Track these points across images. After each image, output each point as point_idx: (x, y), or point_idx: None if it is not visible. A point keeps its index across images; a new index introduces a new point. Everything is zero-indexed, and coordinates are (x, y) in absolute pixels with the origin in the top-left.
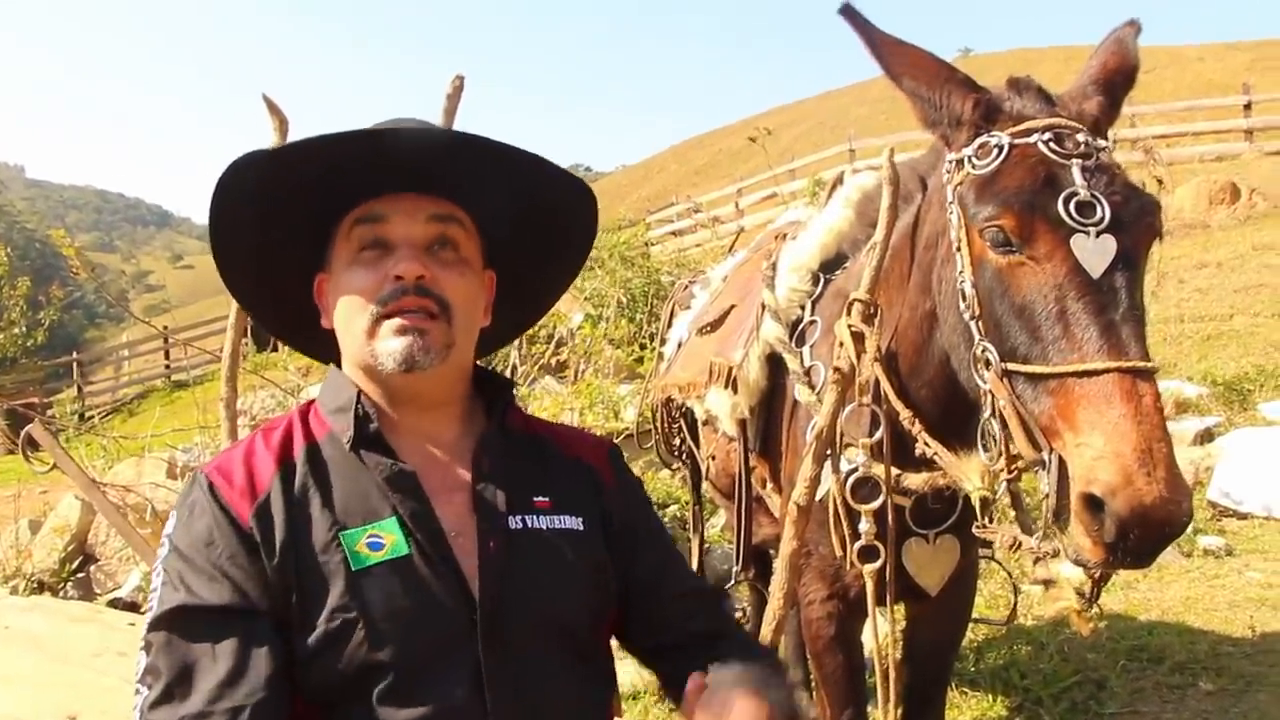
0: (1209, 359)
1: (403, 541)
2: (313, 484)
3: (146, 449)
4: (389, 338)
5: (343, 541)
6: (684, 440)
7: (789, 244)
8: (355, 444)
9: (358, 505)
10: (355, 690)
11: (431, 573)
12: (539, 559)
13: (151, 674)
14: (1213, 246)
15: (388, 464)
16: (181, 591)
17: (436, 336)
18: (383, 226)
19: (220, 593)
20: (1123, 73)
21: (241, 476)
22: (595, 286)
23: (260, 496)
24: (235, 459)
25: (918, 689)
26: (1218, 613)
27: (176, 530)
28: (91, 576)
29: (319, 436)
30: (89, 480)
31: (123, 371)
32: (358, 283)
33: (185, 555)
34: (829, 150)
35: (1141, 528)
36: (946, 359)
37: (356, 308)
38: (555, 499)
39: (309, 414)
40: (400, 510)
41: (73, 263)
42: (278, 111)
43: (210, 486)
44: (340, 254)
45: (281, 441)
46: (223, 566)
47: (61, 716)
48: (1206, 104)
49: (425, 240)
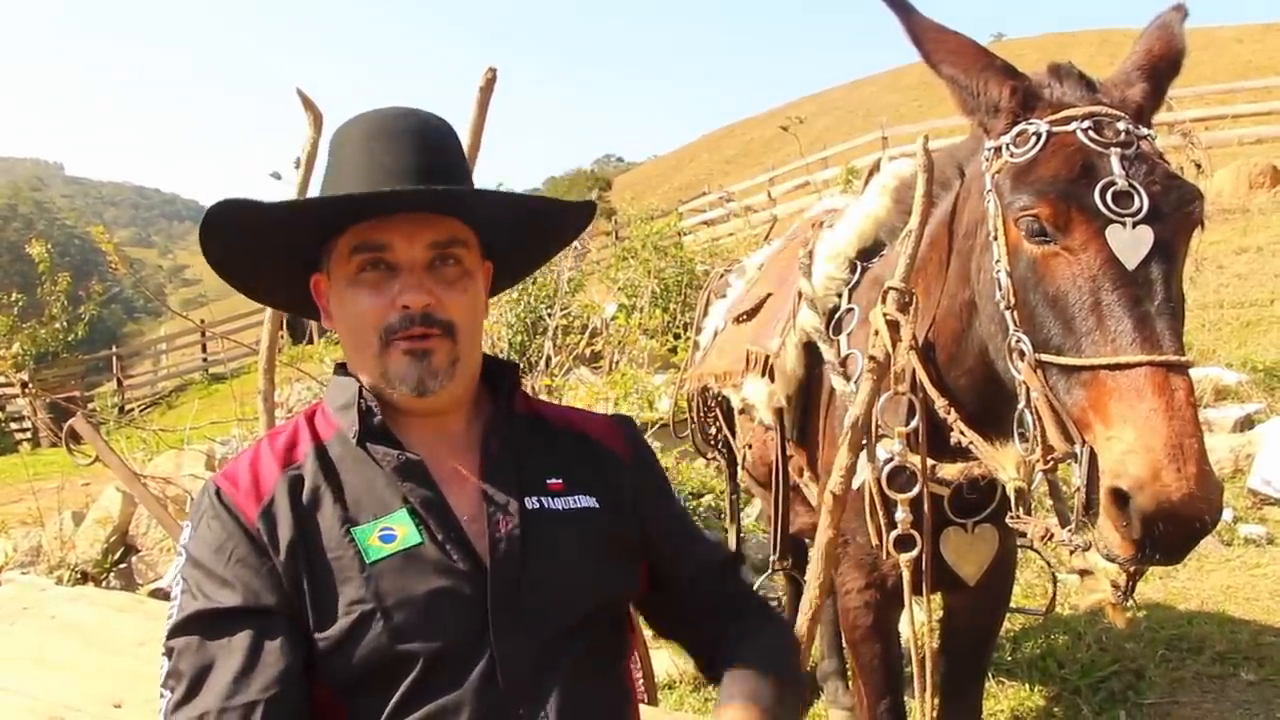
0: (1249, 345)
1: (414, 531)
2: (322, 483)
3: (185, 441)
4: (398, 362)
5: (355, 537)
6: (720, 429)
7: (826, 232)
8: (361, 438)
9: (368, 499)
10: (377, 680)
11: (446, 560)
12: (555, 540)
13: (174, 678)
14: (1253, 231)
15: (395, 454)
16: (200, 599)
17: (443, 356)
18: (384, 253)
19: (233, 595)
20: (1168, 59)
21: (247, 480)
22: (629, 277)
23: (265, 498)
24: (241, 465)
25: (955, 678)
26: (1259, 602)
27: (190, 540)
28: (133, 567)
29: (326, 436)
30: (130, 472)
31: (161, 365)
32: (362, 305)
33: (199, 563)
34: (861, 138)
35: (1168, 524)
36: (985, 349)
37: (363, 331)
38: (568, 479)
39: (315, 416)
40: (411, 499)
41: (111, 258)
42: (312, 106)
43: (218, 491)
44: (339, 269)
45: (286, 445)
46: (234, 569)
47: (108, 704)
48: (1246, 86)
49: (427, 260)
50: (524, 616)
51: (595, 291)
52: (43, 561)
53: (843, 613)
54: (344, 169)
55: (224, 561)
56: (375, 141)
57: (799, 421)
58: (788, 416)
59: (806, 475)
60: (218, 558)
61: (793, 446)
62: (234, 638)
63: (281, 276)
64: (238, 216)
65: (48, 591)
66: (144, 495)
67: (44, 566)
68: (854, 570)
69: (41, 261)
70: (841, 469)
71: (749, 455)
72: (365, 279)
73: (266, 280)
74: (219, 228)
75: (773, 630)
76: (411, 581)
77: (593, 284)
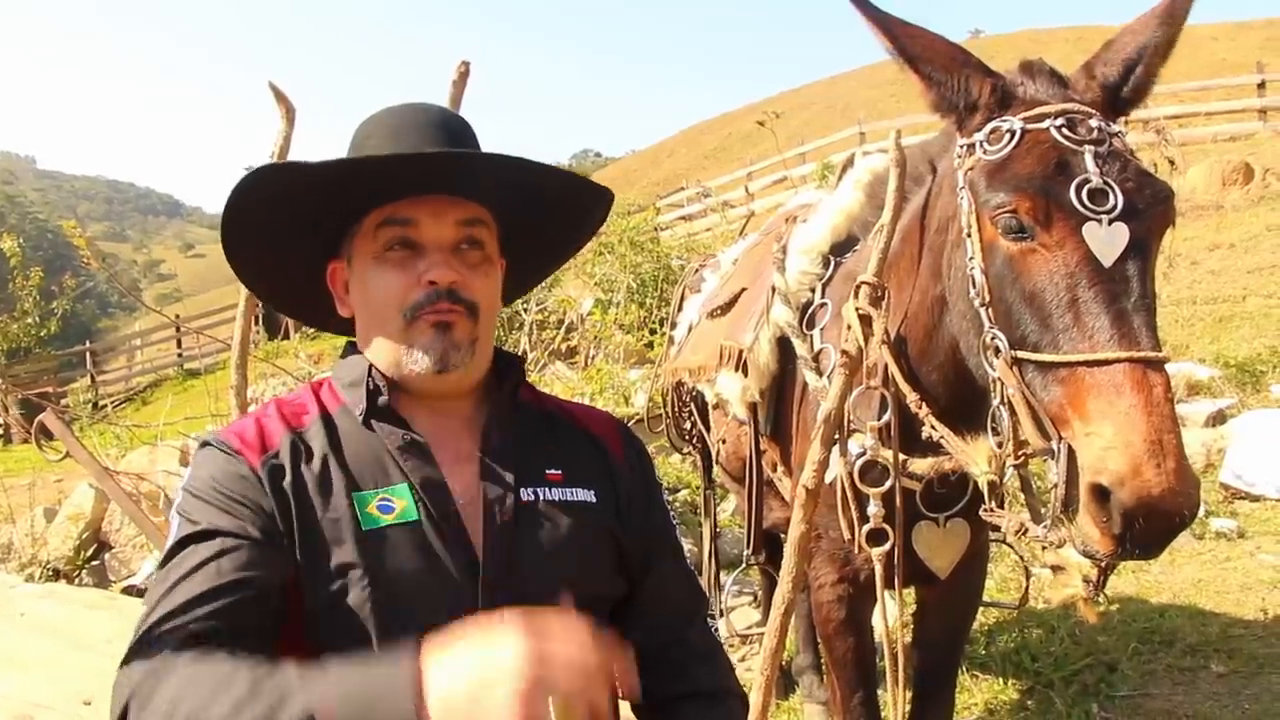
0: (1221, 340)
1: (413, 507)
2: (327, 447)
3: (159, 437)
4: (424, 334)
5: (354, 501)
6: (695, 424)
7: (800, 227)
8: (367, 416)
9: (370, 470)
10: (359, 649)
11: (440, 540)
12: (550, 531)
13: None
14: (1226, 228)
15: (400, 434)
16: (191, 525)
17: (465, 333)
18: (411, 229)
19: (225, 520)
20: (1157, 50)
21: (253, 434)
22: (605, 272)
23: (270, 451)
24: (248, 422)
25: (928, 672)
26: (1229, 595)
27: (189, 479)
28: (106, 564)
29: (332, 409)
30: (102, 468)
31: (135, 361)
32: (388, 284)
33: (195, 492)
34: (839, 134)
35: (1149, 518)
36: (956, 344)
37: (387, 309)
38: (567, 471)
39: (322, 389)
40: (412, 478)
41: (84, 253)
42: (285, 100)
43: (221, 440)
44: (363, 249)
45: (293, 410)
46: (232, 499)
47: (77, 702)
48: (1220, 83)
49: (454, 242)
50: (513, 604)
51: (572, 287)
52: (14, 558)
53: (816, 607)
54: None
55: (221, 494)
56: (403, 132)
57: (772, 416)
58: (761, 411)
59: (780, 470)
60: (216, 487)
61: (766, 441)
62: (217, 553)
63: (296, 265)
64: (276, 178)
65: (17, 589)
66: (117, 492)
67: (15, 563)
68: (827, 564)
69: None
70: (814, 463)
71: (723, 450)
72: (391, 257)
73: (276, 269)
74: (248, 194)
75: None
76: (403, 557)
77: (569, 279)
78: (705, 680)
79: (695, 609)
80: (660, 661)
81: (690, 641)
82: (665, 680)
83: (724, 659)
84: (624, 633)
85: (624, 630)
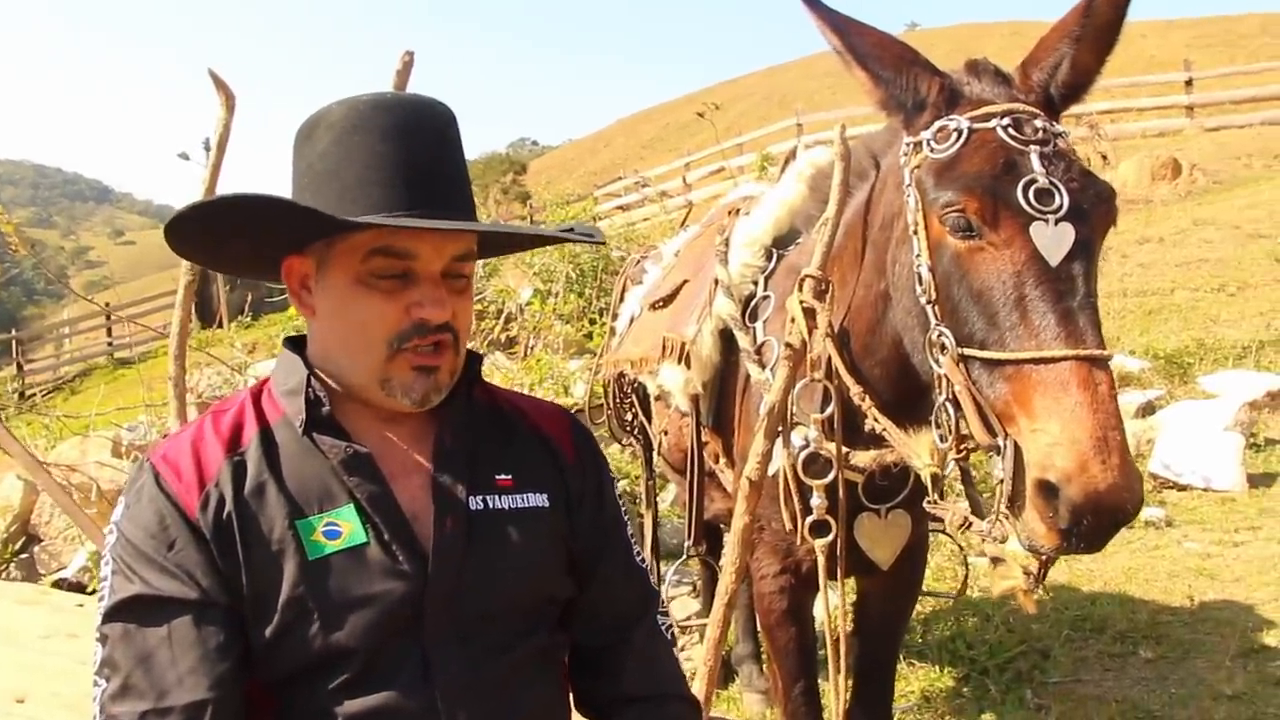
0: (1150, 333)
1: (360, 530)
2: (266, 471)
3: (90, 428)
4: (405, 375)
5: (298, 530)
6: (636, 415)
7: (743, 219)
8: (307, 428)
9: (314, 491)
10: (311, 676)
11: (389, 560)
12: (500, 540)
13: (109, 666)
14: (1155, 221)
15: (342, 446)
16: (136, 582)
17: (448, 371)
18: (408, 261)
19: (172, 583)
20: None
21: (189, 466)
22: (544, 261)
23: (208, 485)
24: (183, 447)
25: (868, 661)
26: (1157, 583)
27: (124, 518)
28: (35, 557)
29: (272, 420)
30: (33, 459)
31: (64, 349)
32: (373, 311)
33: (134, 544)
34: (776, 125)
35: (1095, 514)
36: (900, 339)
37: (368, 336)
38: (518, 476)
39: (261, 395)
40: (357, 494)
41: (10, 239)
42: (225, 87)
43: (156, 476)
44: (345, 264)
45: (231, 427)
46: (173, 556)
47: (9, 699)
48: (1149, 80)
49: (444, 271)
50: (460, 619)
51: (510, 276)
52: None
53: (758, 597)
54: (352, 164)
55: (162, 548)
56: (389, 140)
57: (715, 408)
58: (703, 403)
59: (722, 461)
60: (156, 544)
61: (708, 433)
62: (175, 629)
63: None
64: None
65: None
66: (48, 483)
67: None
68: (769, 555)
69: None
70: (757, 455)
71: (665, 441)
72: (380, 285)
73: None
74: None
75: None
76: (353, 582)
77: (507, 268)
78: (646, 684)
79: (644, 610)
80: (602, 664)
81: (633, 643)
82: (605, 683)
83: (671, 662)
84: (569, 633)
85: (570, 630)
